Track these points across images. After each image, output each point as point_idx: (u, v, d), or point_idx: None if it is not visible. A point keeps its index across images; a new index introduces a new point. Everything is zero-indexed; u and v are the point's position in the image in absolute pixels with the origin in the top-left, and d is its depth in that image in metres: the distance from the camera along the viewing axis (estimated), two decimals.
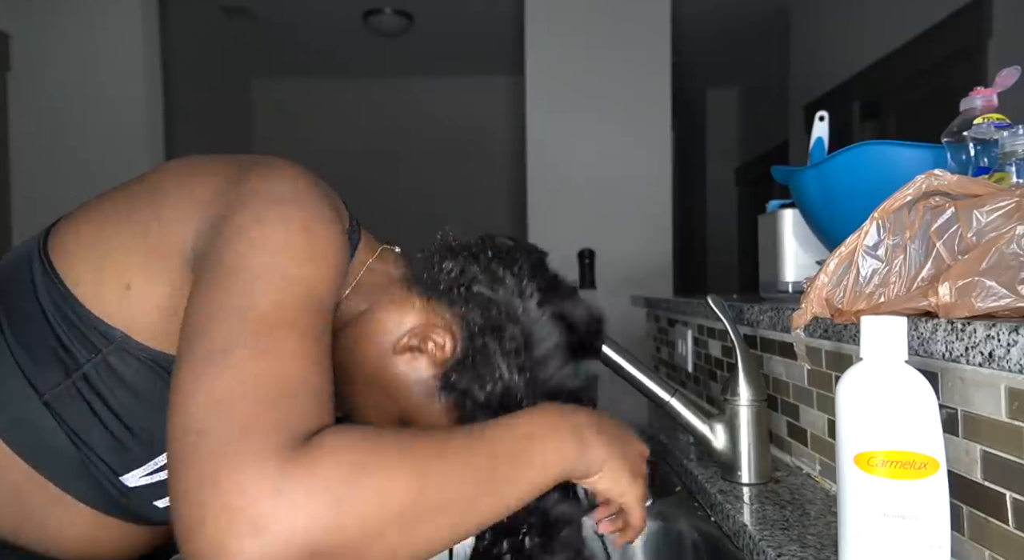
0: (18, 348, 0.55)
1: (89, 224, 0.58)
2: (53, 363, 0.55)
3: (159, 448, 0.57)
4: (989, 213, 0.53)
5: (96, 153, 2.75)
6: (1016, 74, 0.70)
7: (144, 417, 0.56)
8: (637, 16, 2.87)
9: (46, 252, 0.57)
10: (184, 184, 0.57)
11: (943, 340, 0.52)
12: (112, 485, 0.58)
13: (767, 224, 1.13)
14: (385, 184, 4.76)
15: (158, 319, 0.55)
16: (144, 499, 0.59)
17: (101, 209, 0.59)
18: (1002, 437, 0.51)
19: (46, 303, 0.55)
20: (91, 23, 2.75)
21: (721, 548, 0.77)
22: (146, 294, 0.55)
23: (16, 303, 0.57)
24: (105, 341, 0.55)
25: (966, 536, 0.56)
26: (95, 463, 0.56)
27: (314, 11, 3.69)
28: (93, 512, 0.59)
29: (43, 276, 0.56)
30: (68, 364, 0.55)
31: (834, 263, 0.60)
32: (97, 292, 0.55)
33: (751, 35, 3.98)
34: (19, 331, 0.56)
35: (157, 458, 0.57)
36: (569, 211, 2.86)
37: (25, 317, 0.56)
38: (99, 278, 0.55)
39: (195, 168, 0.59)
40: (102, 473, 0.57)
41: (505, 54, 4.07)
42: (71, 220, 0.60)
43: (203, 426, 0.40)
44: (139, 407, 0.56)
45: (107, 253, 0.56)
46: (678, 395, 0.83)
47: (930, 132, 0.79)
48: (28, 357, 0.55)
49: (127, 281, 0.55)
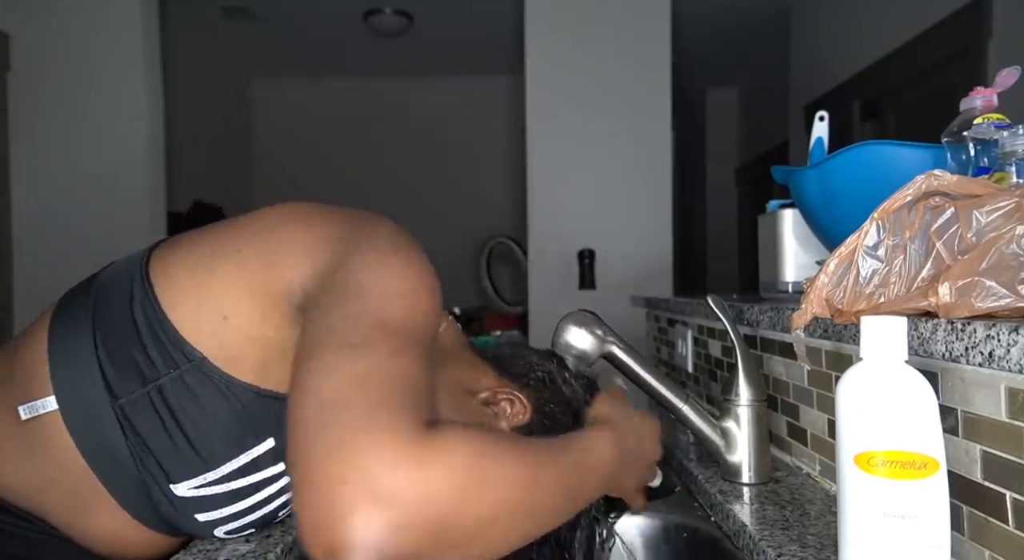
0: (103, 353, 0.60)
1: (194, 255, 0.63)
2: (133, 371, 0.59)
3: (212, 463, 0.61)
4: (989, 213, 0.53)
5: (96, 153, 2.75)
6: (1016, 74, 0.70)
7: (205, 432, 0.60)
8: (637, 16, 2.87)
9: (147, 272, 0.62)
10: (296, 232, 0.61)
11: (943, 340, 0.52)
12: (162, 492, 0.61)
13: (767, 224, 1.13)
14: (385, 184, 4.77)
15: (245, 348, 0.60)
16: (188, 509, 0.62)
17: (208, 243, 0.64)
18: (1002, 437, 0.51)
19: (138, 316, 0.60)
20: (91, 23, 2.75)
21: (721, 548, 0.77)
22: (241, 324, 0.59)
23: (110, 313, 0.61)
24: (185, 360, 0.59)
25: (966, 536, 0.56)
26: (151, 469, 0.60)
27: (314, 11, 3.70)
28: (127, 516, 0.63)
29: (141, 293, 0.61)
30: (147, 374, 0.59)
31: (834, 263, 0.60)
32: (193, 318, 0.60)
33: (751, 35, 3.98)
34: (108, 339, 0.60)
35: (208, 473, 0.61)
36: (569, 211, 2.86)
37: (116, 327, 0.60)
38: (199, 307, 0.60)
39: (306, 216, 0.63)
40: (155, 479, 0.61)
41: (505, 54, 4.07)
42: (178, 246, 0.65)
43: (342, 401, 0.42)
44: (204, 424, 0.60)
45: (210, 286, 0.60)
46: (690, 401, 0.83)
47: (930, 132, 0.79)
48: (111, 362, 0.60)
49: (226, 313, 0.60)
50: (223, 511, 0.63)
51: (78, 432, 0.60)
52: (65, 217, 2.71)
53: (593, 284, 2.85)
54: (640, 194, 2.87)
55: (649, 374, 0.81)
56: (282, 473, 0.64)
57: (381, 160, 4.86)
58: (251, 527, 0.67)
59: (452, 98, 4.82)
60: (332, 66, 4.58)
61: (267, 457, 0.62)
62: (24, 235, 2.74)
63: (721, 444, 0.83)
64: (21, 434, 0.61)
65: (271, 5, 3.62)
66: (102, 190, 2.74)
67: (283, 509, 0.67)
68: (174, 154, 3.08)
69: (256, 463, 0.62)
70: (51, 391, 0.60)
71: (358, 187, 4.70)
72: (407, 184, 4.81)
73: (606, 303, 2.49)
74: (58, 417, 0.60)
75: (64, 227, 2.71)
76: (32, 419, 0.60)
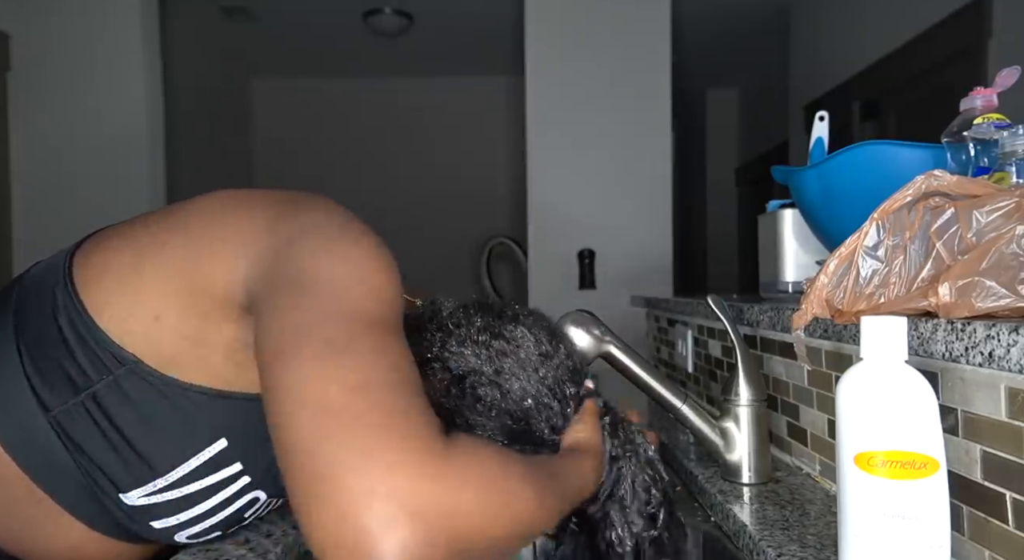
0: (30, 364, 0.57)
1: (120, 253, 0.59)
2: (63, 381, 0.56)
3: (160, 470, 0.58)
4: (989, 213, 0.53)
5: (96, 153, 2.75)
6: (1016, 74, 0.70)
7: (149, 438, 0.57)
8: (637, 16, 2.87)
9: (71, 275, 0.59)
10: (225, 223, 0.58)
11: (943, 340, 0.52)
12: (113, 502, 0.58)
13: (767, 224, 1.13)
14: (385, 184, 4.76)
15: (180, 348, 0.56)
16: (142, 517, 0.60)
17: (135, 240, 0.60)
18: (1002, 437, 0.51)
19: (64, 323, 0.57)
20: (91, 23, 2.75)
21: (721, 548, 0.77)
22: (173, 324, 0.56)
23: (34, 320, 0.58)
24: (117, 364, 0.56)
25: (966, 536, 0.56)
26: (97, 480, 0.57)
27: (314, 11, 3.69)
28: (85, 528, 0.60)
29: (65, 298, 0.58)
30: (79, 383, 0.56)
31: (834, 264, 0.60)
32: (122, 321, 0.56)
33: (751, 35, 3.98)
34: (33, 348, 0.57)
35: (157, 480, 0.58)
36: (569, 211, 2.86)
37: (40, 335, 0.57)
38: (128, 310, 0.56)
39: (235, 204, 0.60)
40: (103, 490, 0.58)
41: (505, 54, 4.07)
42: (100, 246, 0.61)
43: (343, 408, 0.40)
44: (145, 428, 0.57)
45: (138, 287, 0.57)
46: (689, 401, 0.83)
47: (930, 132, 0.79)
48: (38, 374, 0.57)
49: (157, 313, 0.56)
50: (179, 517, 0.60)
51: (15, 449, 0.57)
52: (65, 217, 2.71)
53: (593, 284, 2.85)
54: (640, 194, 2.87)
55: (647, 374, 0.81)
56: (240, 473, 0.61)
57: (381, 160, 4.86)
58: (214, 530, 0.64)
59: (452, 98, 4.82)
60: (332, 66, 4.58)
61: (222, 458, 0.59)
62: (24, 235, 2.75)
63: (720, 443, 0.83)
64: None
65: (271, 5, 3.61)
66: (102, 190, 2.74)
67: (249, 510, 0.64)
68: (174, 154, 3.08)
69: (210, 465, 0.59)
70: None
71: (358, 187, 4.69)
72: (407, 184, 4.81)
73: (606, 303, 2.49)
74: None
75: (64, 227, 2.70)
76: None
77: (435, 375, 0.60)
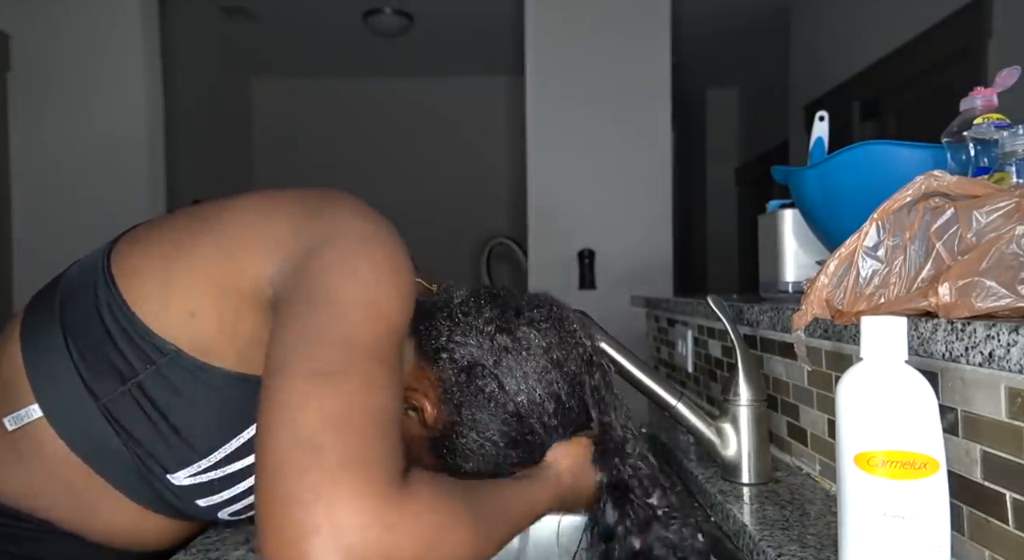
0: (78, 357, 0.61)
1: (157, 250, 0.63)
2: (110, 371, 0.60)
3: (203, 452, 0.62)
4: (989, 213, 0.53)
5: (96, 153, 2.75)
6: (1016, 74, 0.70)
7: (191, 423, 0.61)
8: (637, 16, 2.86)
9: (109, 270, 0.62)
10: (255, 225, 0.61)
11: (943, 340, 0.52)
12: (161, 483, 0.62)
13: (767, 224, 1.13)
14: (385, 184, 4.76)
15: (216, 339, 0.60)
16: (188, 496, 0.63)
17: (172, 238, 0.64)
18: (1002, 437, 0.51)
19: (107, 317, 0.60)
20: (91, 23, 2.75)
21: (721, 548, 0.77)
22: (210, 319, 0.60)
23: (79, 316, 0.62)
24: (160, 354, 0.60)
25: (966, 536, 0.56)
26: (146, 462, 0.61)
27: (314, 11, 3.69)
28: (139, 507, 0.64)
29: (106, 293, 0.61)
30: (124, 373, 0.60)
31: (834, 264, 0.60)
32: (160, 315, 0.60)
33: (751, 35, 3.98)
34: (80, 342, 0.61)
35: (200, 461, 0.62)
36: (569, 211, 2.86)
37: (86, 329, 0.61)
38: (164, 304, 0.60)
39: (264, 207, 0.63)
40: (152, 472, 0.61)
41: (505, 54, 4.07)
42: (136, 241, 0.65)
43: (319, 443, 0.43)
44: (187, 414, 0.61)
45: (173, 282, 0.61)
46: (684, 399, 0.83)
47: (930, 132, 0.79)
48: (87, 366, 0.60)
49: (192, 309, 0.60)
50: (222, 495, 0.64)
51: (69, 436, 0.60)
52: (65, 217, 2.71)
53: (593, 284, 2.85)
54: (640, 194, 2.87)
55: (643, 373, 0.81)
56: None
57: (381, 160, 4.85)
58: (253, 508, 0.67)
59: (452, 98, 4.82)
60: (332, 66, 4.58)
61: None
62: (24, 235, 2.75)
63: (716, 442, 0.83)
64: (9, 442, 0.61)
65: (271, 5, 3.61)
66: (102, 190, 2.74)
67: None
68: (174, 154, 3.08)
69: (247, 447, 0.62)
70: (33, 400, 0.61)
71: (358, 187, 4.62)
72: (407, 184, 4.81)
73: (606, 303, 2.49)
74: (45, 424, 0.60)
75: (64, 227, 2.71)
76: (18, 428, 0.61)
77: (443, 366, 0.63)
